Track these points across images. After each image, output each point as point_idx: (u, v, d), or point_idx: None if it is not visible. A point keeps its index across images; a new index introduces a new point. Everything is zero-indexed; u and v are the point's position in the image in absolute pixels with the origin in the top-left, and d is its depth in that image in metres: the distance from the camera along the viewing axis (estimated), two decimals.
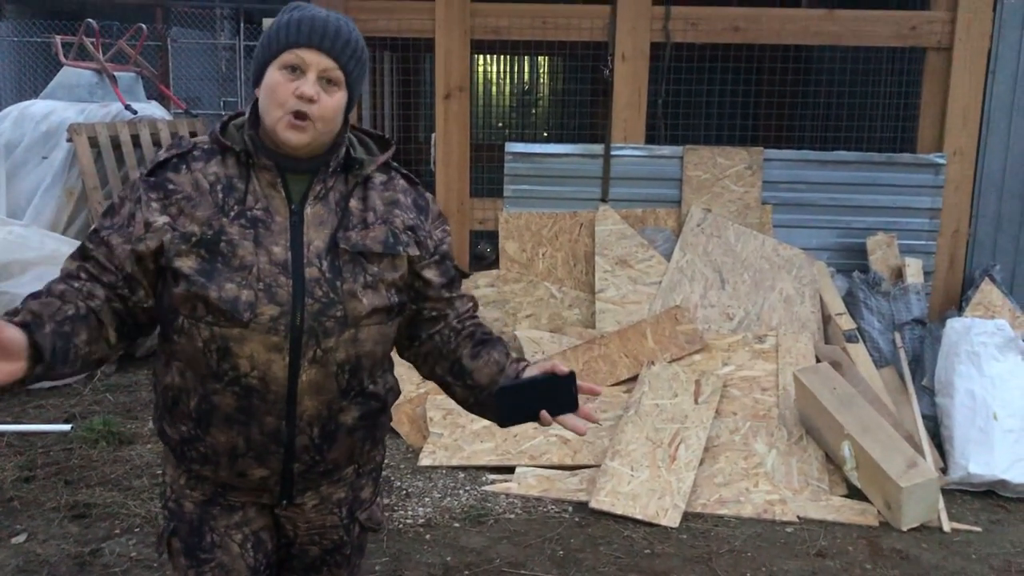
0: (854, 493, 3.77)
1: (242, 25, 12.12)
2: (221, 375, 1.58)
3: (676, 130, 5.49)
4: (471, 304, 1.84)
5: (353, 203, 1.65)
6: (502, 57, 9.57)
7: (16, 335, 1.40)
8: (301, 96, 1.54)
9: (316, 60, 1.55)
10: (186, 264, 1.55)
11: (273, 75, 1.56)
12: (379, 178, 1.71)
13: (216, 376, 1.59)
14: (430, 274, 1.73)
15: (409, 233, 1.69)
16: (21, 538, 3.28)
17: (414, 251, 1.69)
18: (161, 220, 1.57)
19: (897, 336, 4.64)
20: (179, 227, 1.57)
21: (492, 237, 5.16)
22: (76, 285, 1.57)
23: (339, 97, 1.58)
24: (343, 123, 1.64)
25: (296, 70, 1.55)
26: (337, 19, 1.59)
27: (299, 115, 1.55)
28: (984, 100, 4.96)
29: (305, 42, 1.55)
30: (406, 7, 5.02)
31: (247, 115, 1.64)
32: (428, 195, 1.79)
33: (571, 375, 1.62)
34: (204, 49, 12.55)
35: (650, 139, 5.18)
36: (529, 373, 1.67)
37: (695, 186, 5.03)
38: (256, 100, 1.62)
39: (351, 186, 1.66)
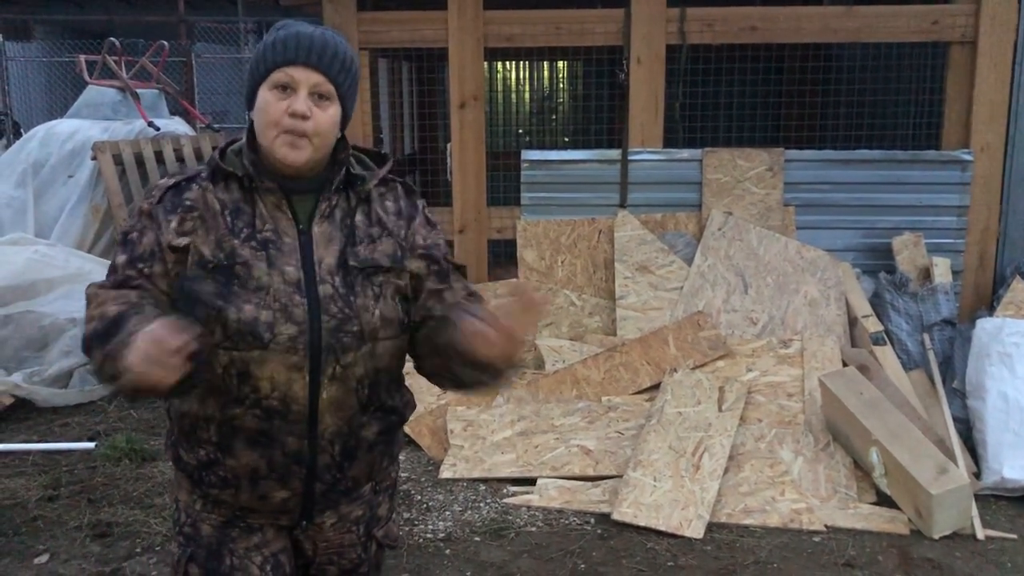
0: (883, 501, 3.68)
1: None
2: (242, 399, 1.58)
3: (695, 133, 5.42)
4: (464, 292, 1.73)
5: (358, 219, 1.66)
6: (521, 63, 9.54)
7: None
8: (293, 114, 1.53)
9: (305, 76, 1.55)
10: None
11: (264, 96, 1.56)
12: (378, 191, 1.71)
13: (237, 400, 1.58)
14: (415, 265, 1.68)
15: (406, 242, 1.70)
16: (44, 558, 3.30)
17: (413, 264, 1.69)
18: (184, 242, 1.56)
19: (926, 338, 4.53)
20: (198, 248, 1.56)
21: (510, 246, 5.12)
22: (147, 311, 1.49)
23: (333, 111, 1.58)
24: (341, 138, 1.64)
25: (287, 88, 1.55)
26: (323, 33, 1.59)
27: (293, 132, 1.54)
28: (1012, 94, 4.84)
29: (292, 59, 1.55)
30: (419, 17, 5.01)
31: (244, 139, 1.64)
32: (420, 202, 1.75)
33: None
34: (229, 63, 12.66)
35: (668, 142, 5.12)
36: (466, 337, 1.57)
37: (715, 189, 4.96)
38: (251, 123, 1.62)
39: (354, 203, 1.67)
